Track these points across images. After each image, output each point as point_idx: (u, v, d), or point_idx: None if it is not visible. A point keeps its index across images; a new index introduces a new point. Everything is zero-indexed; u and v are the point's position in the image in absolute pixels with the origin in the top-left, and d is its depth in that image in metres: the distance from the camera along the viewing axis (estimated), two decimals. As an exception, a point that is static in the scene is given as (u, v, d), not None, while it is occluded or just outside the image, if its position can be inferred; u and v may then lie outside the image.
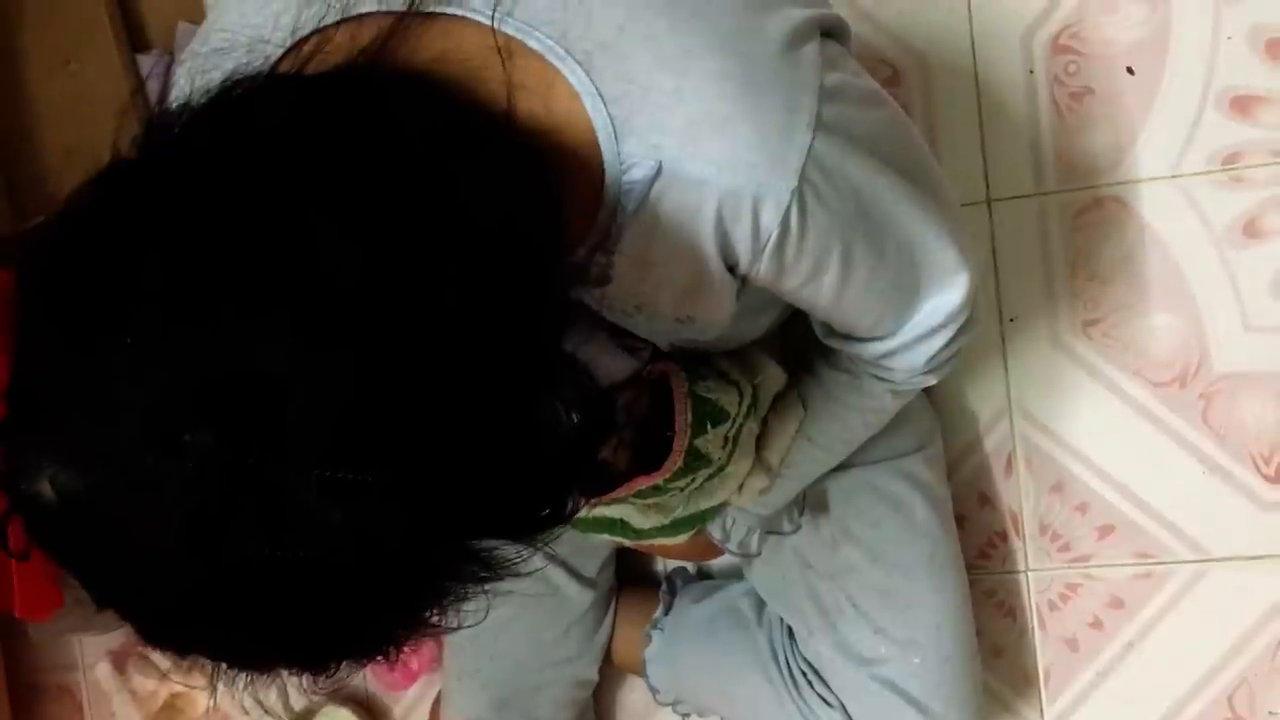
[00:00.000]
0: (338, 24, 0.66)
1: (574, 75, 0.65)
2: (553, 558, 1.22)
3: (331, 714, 1.42)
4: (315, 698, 1.46)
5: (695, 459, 0.92)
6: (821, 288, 0.76)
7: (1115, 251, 1.20)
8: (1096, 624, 1.24)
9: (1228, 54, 1.16)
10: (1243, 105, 1.16)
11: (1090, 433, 1.22)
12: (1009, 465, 1.25)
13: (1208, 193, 1.17)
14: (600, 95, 0.65)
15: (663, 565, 1.35)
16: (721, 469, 0.95)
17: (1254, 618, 1.20)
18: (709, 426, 0.92)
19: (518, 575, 0.60)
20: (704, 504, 1.00)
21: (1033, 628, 1.26)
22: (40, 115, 1.46)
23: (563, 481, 0.61)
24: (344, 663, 0.58)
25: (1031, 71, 1.21)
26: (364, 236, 0.53)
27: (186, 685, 1.48)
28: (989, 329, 1.23)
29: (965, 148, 1.22)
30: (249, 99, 0.57)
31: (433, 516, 0.54)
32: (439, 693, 1.36)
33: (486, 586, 0.59)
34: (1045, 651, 1.26)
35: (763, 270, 0.73)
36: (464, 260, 0.55)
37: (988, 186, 1.22)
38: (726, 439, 0.94)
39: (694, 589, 1.28)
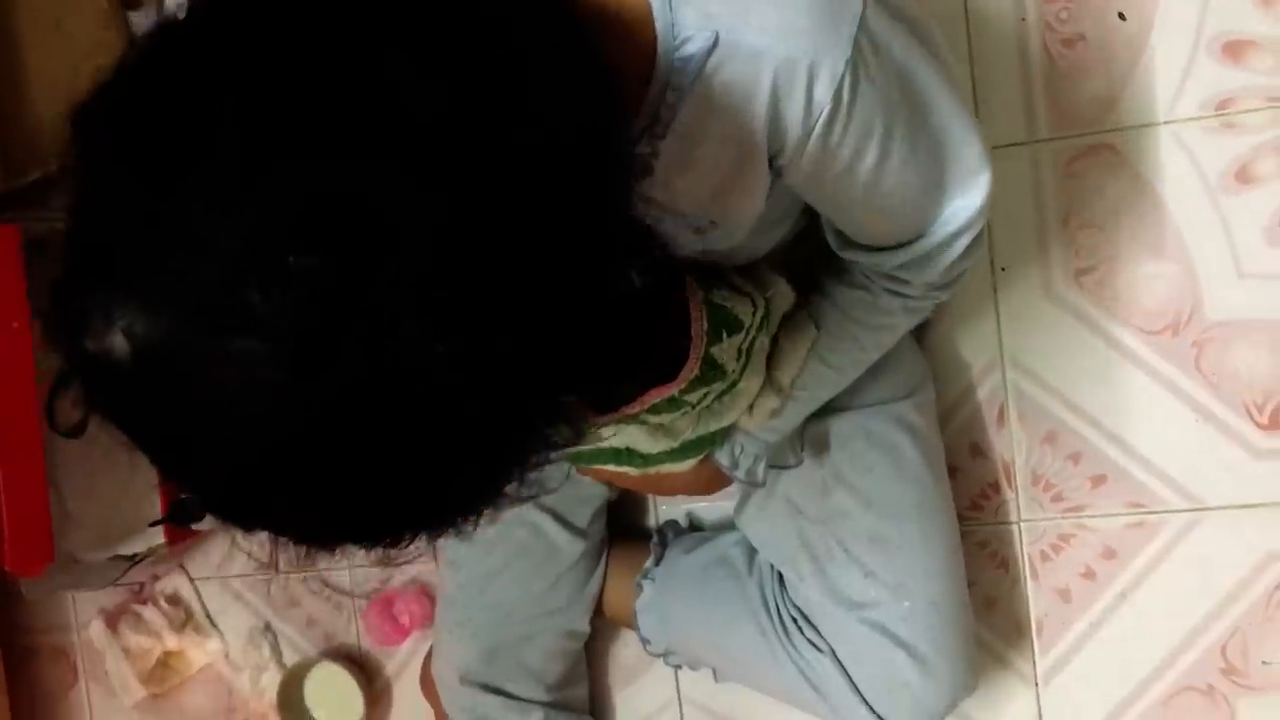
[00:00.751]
0: None
1: None
2: (543, 508, 1.21)
3: (325, 669, 1.42)
4: (310, 653, 1.46)
5: (710, 368, 0.92)
6: (857, 178, 0.77)
7: (1107, 199, 1.20)
8: (1089, 574, 1.24)
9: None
10: (1235, 50, 1.15)
11: (1082, 382, 1.22)
12: (1001, 416, 1.24)
13: (1200, 139, 1.17)
14: None
15: (654, 518, 1.35)
16: (735, 384, 0.95)
17: (1248, 567, 1.20)
18: (724, 335, 0.91)
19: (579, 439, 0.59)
20: (713, 425, 1.00)
21: (1025, 578, 1.26)
22: (32, 75, 1.45)
23: (641, 333, 0.62)
24: (421, 530, 0.56)
25: (1024, 19, 1.20)
26: (442, 74, 0.52)
27: (180, 643, 1.48)
28: (981, 279, 1.23)
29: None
30: None
31: (525, 357, 0.52)
32: (430, 648, 1.36)
33: (559, 454, 0.58)
34: (1038, 602, 1.26)
35: (808, 153, 0.73)
36: (541, 102, 0.54)
37: (980, 135, 1.22)
38: (740, 350, 0.93)
39: (685, 540, 1.28)
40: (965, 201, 0.83)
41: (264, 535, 0.55)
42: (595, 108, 0.58)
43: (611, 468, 1.03)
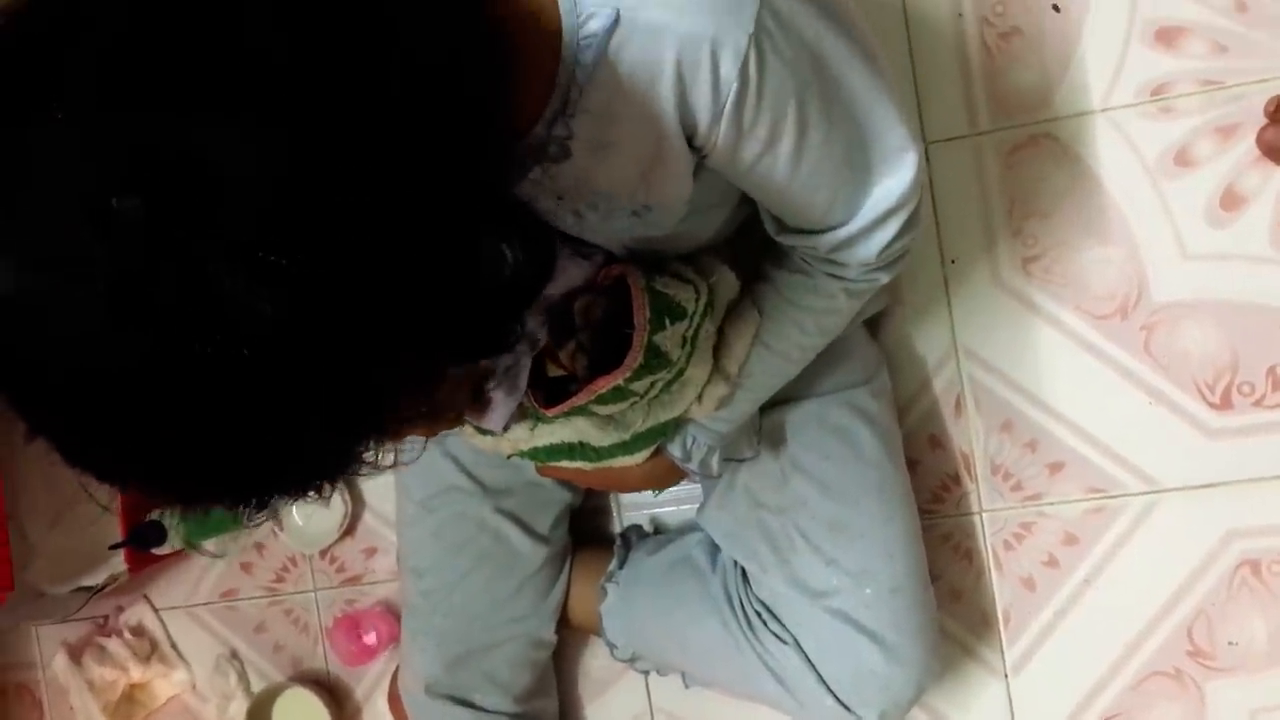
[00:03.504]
0: None
1: None
2: (505, 513, 1.21)
3: (293, 695, 1.41)
4: (278, 678, 1.45)
5: (654, 357, 0.92)
6: (778, 159, 0.77)
7: (1051, 188, 1.21)
8: (1052, 562, 1.24)
9: (1150, -13, 1.18)
10: (1167, 36, 1.18)
11: (1036, 369, 1.23)
12: (958, 406, 1.25)
13: (1138, 124, 1.19)
14: None
15: (618, 523, 1.35)
16: (681, 372, 0.95)
17: (1208, 547, 1.20)
18: (667, 322, 0.92)
19: (451, 413, 0.59)
20: (663, 416, 1.00)
21: (989, 569, 1.26)
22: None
23: (501, 311, 0.60)
24: (274, 490, 0.56)
25: (960, 14, 1.23)
26: (298, 27, 0.52)
27: (145, 675, 1.46)
28: (931, 272, 1.24)
29: (899, 93, 1.23)
30: None
31: (361, 316, 0.52)
32: (397, 667, 1.35)
33: (419, 422, 0.57)
34: (1003, 592, 1.26)
35: (722, 134, 0.73)
36: (401, 81, 0.54)
37: (923, 130, 1.24)
38: (685, 338, 0.94)
39: (648, 543, 1.28)
40: (893, 181, 0.83)
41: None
42: (464, 73, 0.58)
43: (566, 464, 1.04)
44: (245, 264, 0.48)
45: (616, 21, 0.67)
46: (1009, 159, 1.22)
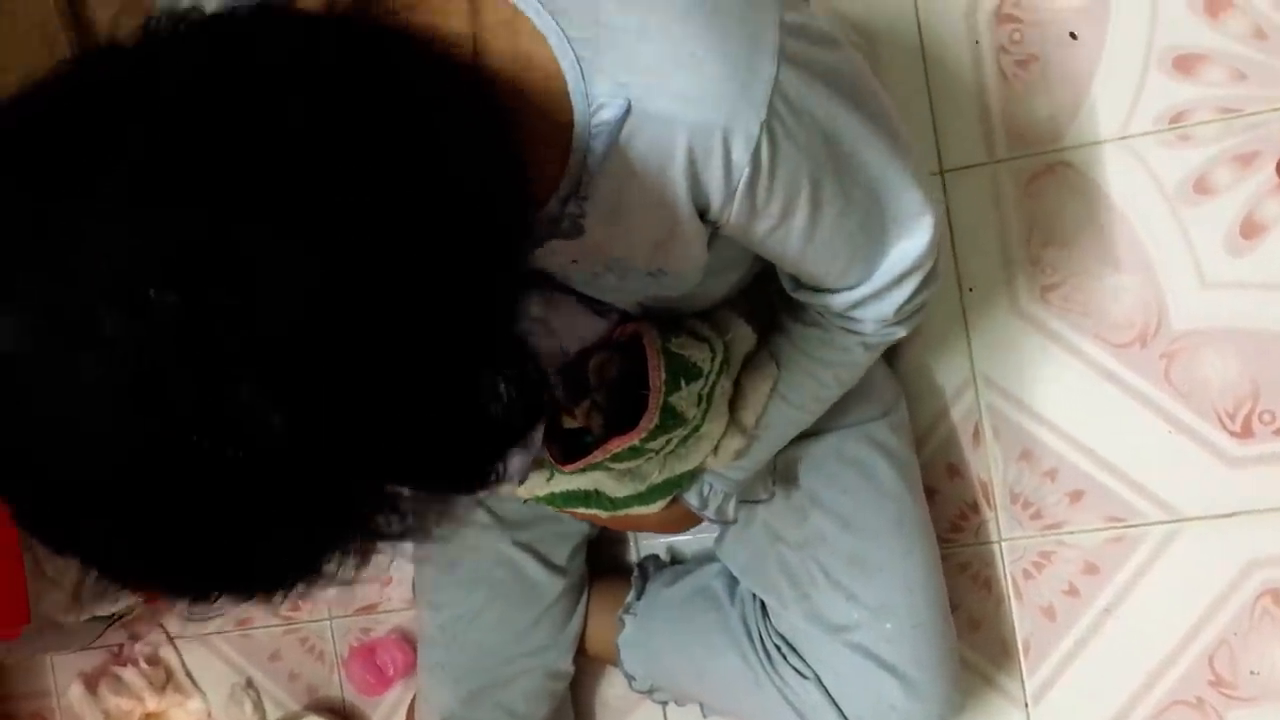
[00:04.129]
0: None
1: (539, 17, 0.66)
2: (522, 546, 1.21)
3: (308, 724, 1.40)
4: (293, 707, 1.44)
5: (670, 417, 0.92)
6: (791, 232, 0.77)
7: (1069, 216, 1.21)
8: (1072, 591, 1.24)
9: (1168, 14, 1.17)
10: (1186, 64, 1.17)
11: (1055, 398, 1.23)
12: (976, 435, 1.25)
13: (1157, 152, 1.18)
14: (566, 36, 0.66)
15: (635, 553, 1.34)
16: (697, 429, 0.95)
17: (1229, 576, 1.20)
18: (683, 383, 0.91)
19: (421, 539, 0.60)
20: (679, 469, 0.99)
21: (1009, 598, 1.25)
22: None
23: (486, 451, 0.61)
24: (224, 592, 0.56)
25: (977, 42, 1.22)
26: (350, 144, 0.53)
27: (162, 703, 1.46)
28: (949, 301, 1.24)
29: (916, 120, 1.23)
30: (253, 24, 0.57)
31: (361, 445, 0.53)
32: (414, 696, 1.34)
33: (387, 544, 0.59)
34: (1023, 622, 1.25)
35: (735, 213, 0.73)
36: (435, 214, 0.55)
37: (940, 158, 1.23)
38: (700, 396, 0.93)
39: (666, 574, 1.27)
40: (910, 244, 0.83)
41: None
42: (499, 212, 0.59)
43: (581, 510, 1.03)
44: (265, 373, 0.49)
45: (628, 111, 0.67)
46: (1027, 187, 1.21)
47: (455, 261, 0.55)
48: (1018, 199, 1.22)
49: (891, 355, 1.23)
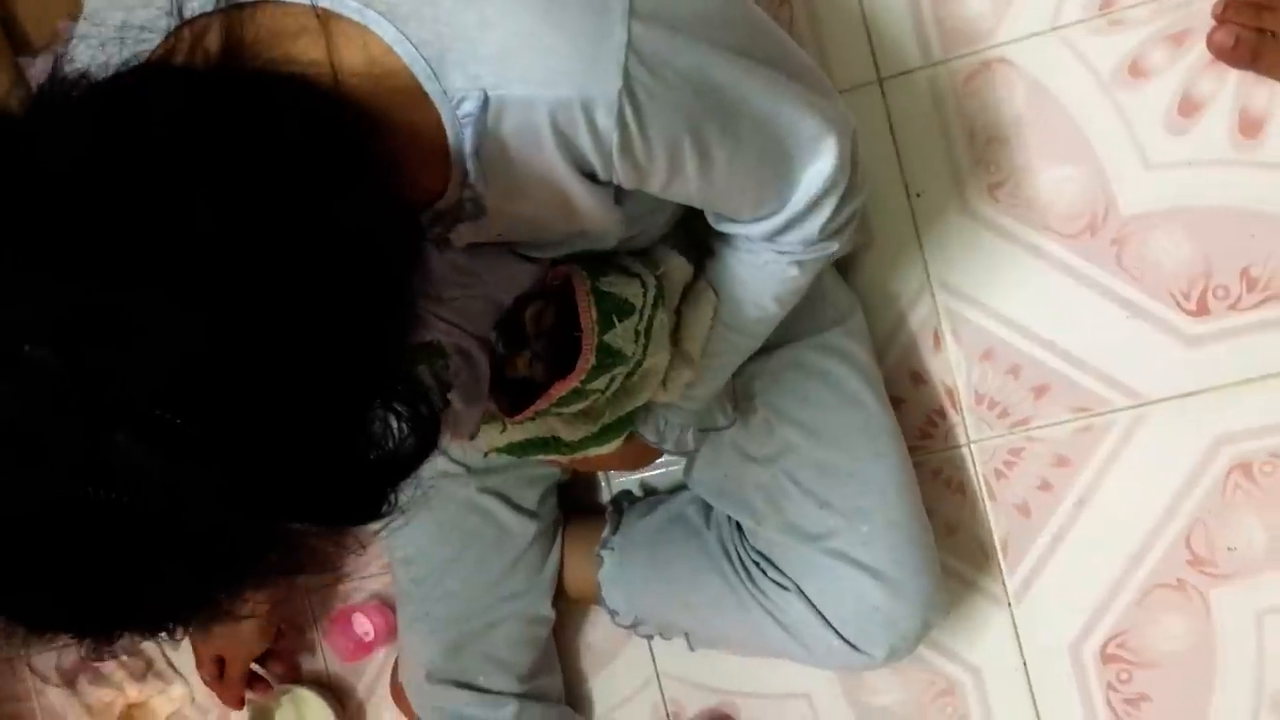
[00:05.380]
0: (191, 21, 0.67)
1: (382, 28, 0.67)
2: (491, 492, 1.20)
3: (295, 697, 1.39)
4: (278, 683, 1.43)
5: (608, 355, 0.91)
6: (688, 180, 0.77)
7: (1009, 112, 1.21)
8: (1045, 486, 1.24)
9: (1088, -99, 1.17)
10: (1110, -52, 1.17)
11: (1011, 295, 1.22)
12: (936, 340, 1.24)
13: (1089, 40, 1.18)
14: (411, 42, 0.67)
15: (608, 492, 1.33)
16: (639, 365, 0.94)
17: (1198, 455, 1.20)
18: (615, 321, 0.90)
19: (315, 572, 0.61)
20: (629, 405, 0.99)
21: (983, 500, 1.25)
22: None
23: (376, 488, 0.62)
24: (124, 630, 0.57)
25: (902, -54, 1.22)
26: (228, 207, 0.54)
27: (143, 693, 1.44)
28: (899, 208, 1.23)
29: (850, 32, 1.23)
30: (144, 82, 0.60)
31: (245, 487, 0.54)
32: (397, 658, 1.33)
33: (282, 578, 0.60)
34: (999, 522, 1.25)
35: (621, 174, 0.73)
36: (325, 262, 0.57)
37: (877, 67, 1.23)
38: (637, 332, 0.92)
39: (640, 506, 1.27)
40: (817, 168, 0.82)
41: None
42: (382, 251, 0.60)
43: (541, 456, 1.03)
44: (142, 422, 0.51)
45: (486, 101, 0.68)
46: (965, 87, 1.21)
47: (340, 306, 0.57)
48: (957, 100, 1.22)
49: (845, 267, 1.22)
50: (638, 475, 1.31)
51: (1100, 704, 1.24)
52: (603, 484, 1.34)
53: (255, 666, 1.37)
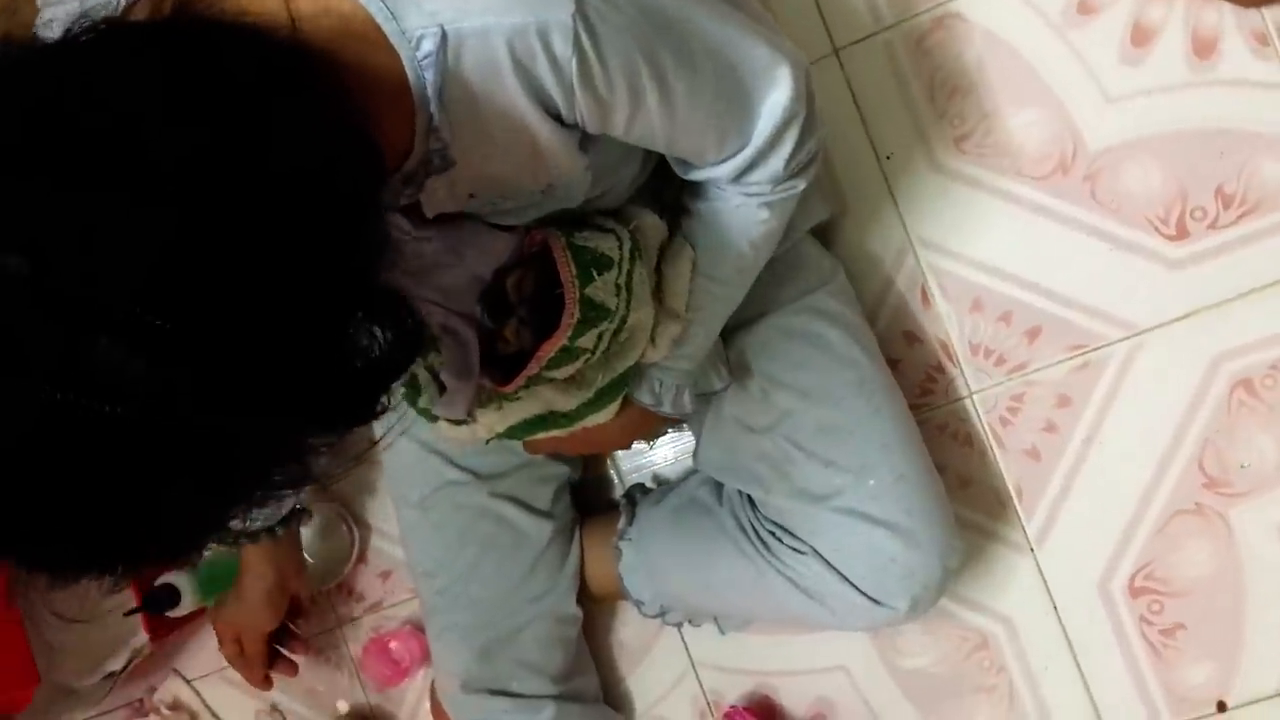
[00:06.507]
0: None
1: None
2: (503, 496, 1.21)
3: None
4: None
5: (592, 309, 0.92)
6: (651, 114, 0.79)
7: (966, 64, 1.22)
8: (1050, 427, 1.24)
9: None
10: (1043, -107, 1.19)
11: (992, 243, 1.23)
12: (924, 297, 1.26)
13: (1035, -17, 1.20)
14: None
15: (620, 488, 1.34)
16: (624, 320, 0.96)
17: (1198, 377, 1.20)
18: (594, 274, 0.92)
19: (313, 482, 0.61)
20: (621, 367, 1.00)
21: (992, 448, 1.26)
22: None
23: (366, 389, 0.62)
24: (139, 553, 0.57)
25: (841, -81, 1.24)
26: (189, 117, 0.55)
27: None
28: (871, 172, 1.25)
29: (801, 5, 1.25)
30: (100, 36, 0.59)
31: (228, 386, 0.54)
32: (434, 679, 1.34)
33: (284, 491, 0.60)
34: (1010, 469, 1.25)
35: (583, 108, 0.76)
36: (278, 182, 0.57)
37: (831, 38, 1.25)
38: (619, 286, 0.94)
39: (653, 495, 1.28)
40: (775, 97, 0.85)
41: None
42: (338, 171, 0.61)
43: (542, 435, 1.04)
44: (122, 323, 0.51)
45: (445, 38, 0.70)
46: (920, 46, 1.23)
47: (305, 223, 0.57)
48: (913, 60, 1.24)
49: (825, 235, 1.24)
50: (650, 469, 1.32)
51: (1135, 638, 1.23)
52: (615, 480, 1.35)
53: (280, 649, 1.34)
